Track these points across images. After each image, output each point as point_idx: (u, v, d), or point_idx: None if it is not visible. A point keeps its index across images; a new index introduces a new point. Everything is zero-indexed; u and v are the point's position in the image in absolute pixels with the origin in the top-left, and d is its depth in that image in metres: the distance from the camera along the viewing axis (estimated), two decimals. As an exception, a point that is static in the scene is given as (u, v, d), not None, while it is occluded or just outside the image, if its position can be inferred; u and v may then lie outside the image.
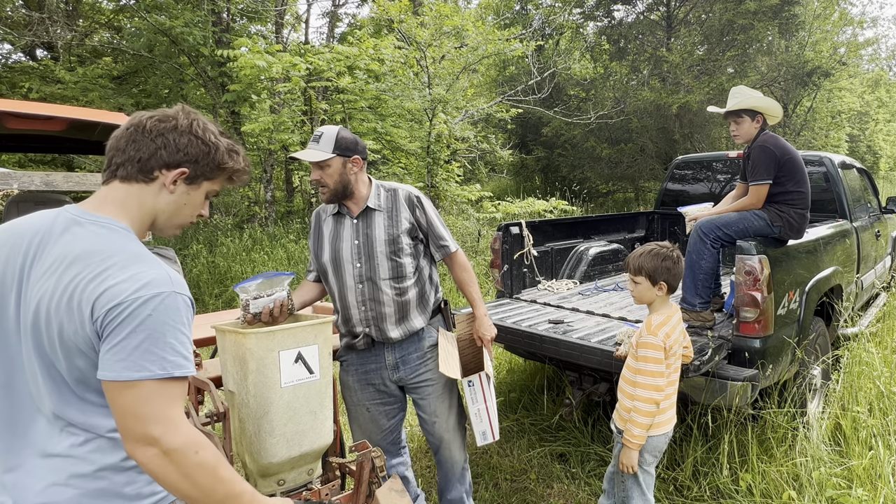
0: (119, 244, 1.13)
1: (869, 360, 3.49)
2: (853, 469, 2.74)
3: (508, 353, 4.33)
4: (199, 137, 1.24)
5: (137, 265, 1.10)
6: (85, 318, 1.06)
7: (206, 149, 1.25)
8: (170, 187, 1.23)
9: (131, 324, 1.05)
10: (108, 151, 1.22)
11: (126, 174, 1.20)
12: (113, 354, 1.05)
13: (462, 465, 2.50)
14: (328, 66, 7.97)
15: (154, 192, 1.23)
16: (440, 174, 8.96)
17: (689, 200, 4.81)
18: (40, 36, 10.61)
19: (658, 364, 2.15)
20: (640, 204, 14.38)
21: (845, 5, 15.50)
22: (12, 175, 4.42)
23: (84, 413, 1.12)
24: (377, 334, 2.25)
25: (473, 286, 2.40)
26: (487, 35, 8.98)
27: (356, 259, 2.20)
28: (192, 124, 1.25)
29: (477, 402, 2.30)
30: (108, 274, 1.07)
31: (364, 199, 2.23)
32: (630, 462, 2.19)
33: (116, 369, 1.05)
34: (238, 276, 6.95)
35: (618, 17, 15.14)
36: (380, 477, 1.96)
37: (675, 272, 2.25)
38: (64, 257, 1.10)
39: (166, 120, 1.23)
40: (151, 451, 1.05)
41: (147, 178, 1.21)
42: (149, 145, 1.20)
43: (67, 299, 1.07)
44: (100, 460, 1.12)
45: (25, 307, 1.12)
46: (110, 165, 1.21)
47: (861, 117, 21.80)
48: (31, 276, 1.12)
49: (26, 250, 1.13)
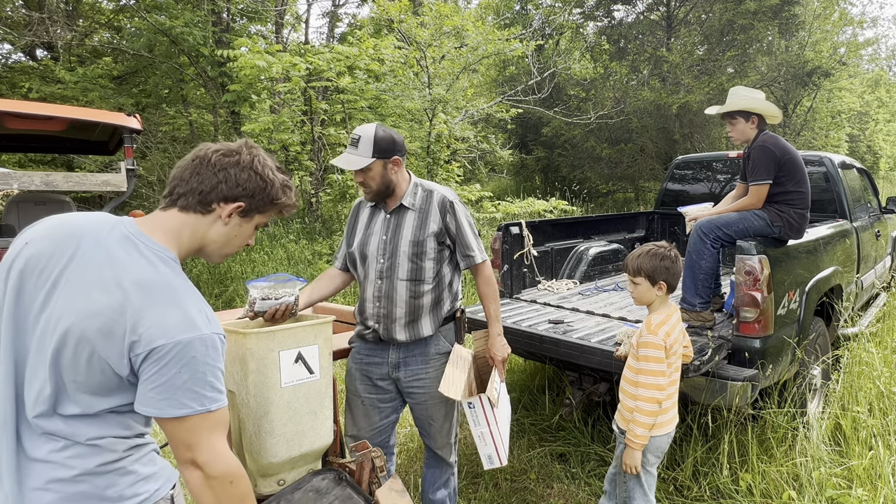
0: (169, 278, 1.17)
1: (869, 360, 3.49)
2: (853, 469, 2.74)
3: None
4: (258, 173, 1.31)
5: (184, 304, 1.15)
6: (125, 347, 1.10)
7: (263, 184, 1.31)
8: (224, 219, 1.29)
9: (176, 365, 1.11)
10: (171, 180, 1.28)
11: (186, 204, 1.26)
12: (157, 392, 1.11)
13: (451, 470, 2.49)
14: (328, 66, 7.97)
15: (209, 223, 1.29)
16: (440, 174, 8.96)
17: (689, 200, 4.81)
18: (40, 36, 10.61)
19: (659, 363, 2.15)
20: (640, 204, 14.37)
21: (845, 5, 15.51)
22: (12, 175, 4.42)
23: (68, 423, 1.13)
24: (384, 333, 2.24)
25: (494, 302, 2.35)
26: (487, 35, 8.98)
27: (381, 255, 2.22)
28: (253, 160, 1.31)
29: (479, 426, 2.17)
30: (156, 311, 1.11)
31: (401, 195, 2.24)
32: (633, 462, 2.19)
33: (160, 406, 1.12)
34: (238, 275, 6.95)
35: (618, 17, 15.15)
36: (380, 477, 1.96)
37: (673, 271, 2.25)
38: (117, 279, 1.12)
39: (230, 154, 1.29)
40: (197, 474, 1.16)
41: (205, 210, 1.27)
42: (211, 178, 1.26)
43: (111, 323, 1.09)
44: (80, 465, 1.13)
45: (55, 310, 1.12)
46: (171, 194, 1.27)
47: (861, 117, 21.79)
48: (69, 281, 1.13)
49: (72, 253, 1.15)
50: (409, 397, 2.33)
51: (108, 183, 4.74)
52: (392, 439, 2.45)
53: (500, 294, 4.02)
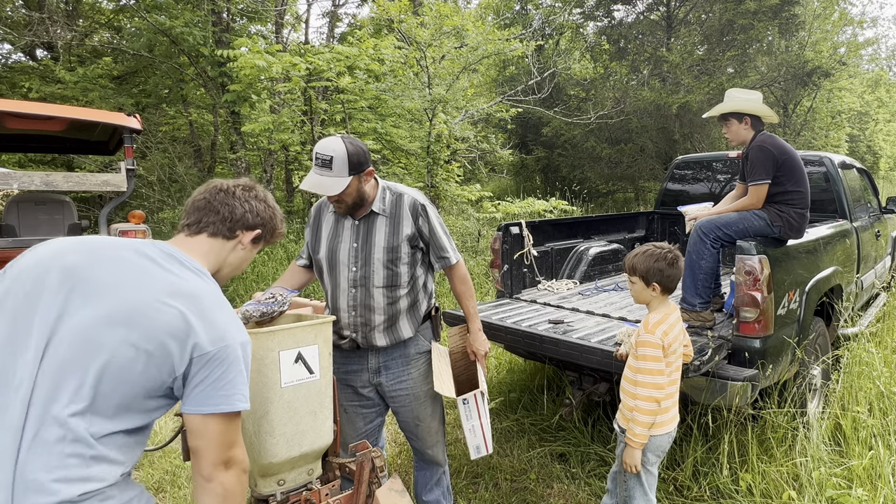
0: (215, 288, 1.33)
1: (869, 360, 3.49)
2: (853, 469, 2.74)
3: (508, 353, 4.33)
4: (270, 206, 1.55)
5: (226, 313, 1.28)
6: (174, 349, 1.18)
7: (272, 215, 1.55)
8: (243, 245, 1.49)
9: (233, 364, 1.24)
10: (196, 210, 1.45)
11: (215, 231, 1.44)
12: (208, 389, 1.21)
13: (443, 469, 2.49)
14: (328, 66, 7.96)
15: (230, 248, 1.47)
16: (440, 174, 8.95)
17: (689, 200, 4.81)
18: (40, 36, 10.61)
19: (657, 362, 2.15)
20: (640, 204, 14.37)
21: (845, 5, 15.48)
22: (12, 175, 4.42)
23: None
24: (363, 341, 2.20)
25: (471, 300, 2.36)
26: (487, 35, 8.97)
27: (352, 263, 2.15)
28: (266, 196, 1.56)
29: (471, 419, 2.28)
30: (207, 317, 1.23)
31: (371, 202, 2.16)
32: (633, 461, 2.20)
33: (214, 402, 1.22)
34: (238, 275, 6.94)
35: (618, 17, 15.13)
36: (380, 477, 1.96)
37: (668, 274, 2.23)
38: (174, 288, 1.23)
39: (249, 190, 1.52)
40: (233, 471, 1.26)
41: (230, 236, 1.46)
42: (238, 209, 1.47)
43: (163, 326, 1.18)
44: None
45: (90, 312, 1.16)
46: (200, 222, 1.44)
47: (861, 117, 21.79)
48: (106, 287, 1.19)
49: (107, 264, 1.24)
50: (394, 401, 2.30)
51: (108, 183, 4.74)
52: (381, 441, 2.45)
53: (499, 294, 4.03)
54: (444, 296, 6.48)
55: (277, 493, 1.82)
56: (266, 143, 9.17)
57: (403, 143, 8.92)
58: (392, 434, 3.63)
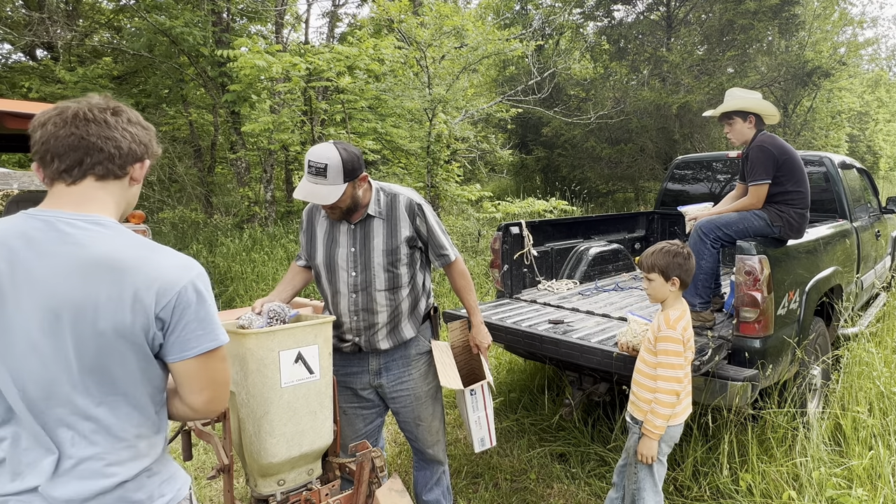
0: (136, 238, 1.15)
1: (869, 360, 3.49)
2: (853, 469, 2.74)
3: (508, 353, 4.33)
4: (144, 125, 1.25)
5: (163, 251, 1.16)
6: (148, 307, 1.10)
7: (150, 136, 1.26)
8: (137, 179, 1.25)
9: (200, 301, 1.15)
10: (69, 150, 1.13)
11: (104, 172, 1.17)
12: (193, 330, 1.14)
13: (443, 468, 2.49)
14: (328, 66, 7.96)
15: (124, 188, 1.23)
16: (440, 174, 8.95)
17: (689, 200, 4.80)
18: (40, 36, 10.61)
19: (678, 357, 2.21)
20: (640, 204, 14.37)
21: (845, 5, 15.49)
22: (12, 175, 4.42)
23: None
24: (366, 345, 2.19)
25: (471, 294, 2.37)
26: (487, 35, 8.97)
27: (352, 267, 2.13)
28: (137, 115, 1.24)
29: (478, 411, 2.32)
30: (152, 267, 1.11)
31: (366, 206, 2.14)
32: (650, 452, 2.24)
33: (205, 341, 1.16)
34: (238, 275, 6.94)
35: (618, 17, 15.12)
36: (380, 477, 1.96)
37: (686, 267, 2.31)
38: (94, 260, 1.08)
39: (119, 113, 1.20)
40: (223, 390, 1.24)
41: (122, 174, 1.21)
42: (123, 142, 1.18)
43: (129, 297, 1.08)
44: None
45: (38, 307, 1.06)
46: (81, 164, 1.14)
47: (861, 117, 21.81)
48: (36, 281, 1.07)
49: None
50: (394, 402, 2.30)
51: (108, 183, 4.73)
52: (380, 441, 2.45)
53: (499, 294, 4.03)
54: (443, 296, 6.48)
55: (277, 493, 1.83)
56: (266, 143, 9.16)
57: (403, 143, 8.92)
58: (392, 434, 3.63)
